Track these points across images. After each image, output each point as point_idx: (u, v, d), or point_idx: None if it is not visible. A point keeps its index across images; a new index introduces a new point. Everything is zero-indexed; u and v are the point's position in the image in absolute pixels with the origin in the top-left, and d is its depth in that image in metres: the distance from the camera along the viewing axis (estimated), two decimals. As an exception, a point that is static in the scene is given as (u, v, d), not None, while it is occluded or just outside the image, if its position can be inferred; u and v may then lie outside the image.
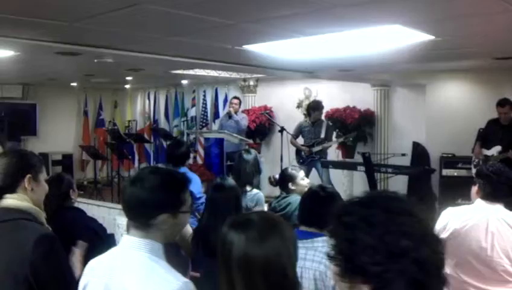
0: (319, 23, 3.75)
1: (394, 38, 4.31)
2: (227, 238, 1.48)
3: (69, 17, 3.62)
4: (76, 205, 3.53)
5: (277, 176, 4.23)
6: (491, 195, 2.84)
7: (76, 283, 1.81)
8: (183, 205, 1.77)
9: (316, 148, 7.35)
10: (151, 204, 1.67)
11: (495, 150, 6.25)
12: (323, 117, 7.78)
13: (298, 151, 7.57)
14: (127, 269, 1.63)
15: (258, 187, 4.19)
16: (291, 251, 1.49)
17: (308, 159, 7.40)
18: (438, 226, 2.95)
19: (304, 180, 3.95)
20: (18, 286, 1.90)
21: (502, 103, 6.17)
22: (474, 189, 2.96)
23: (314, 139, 7.42)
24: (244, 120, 8.26)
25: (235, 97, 8.71)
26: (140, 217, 1.69)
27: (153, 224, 1.68)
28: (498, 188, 2.82)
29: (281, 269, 1.44)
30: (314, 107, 7.59)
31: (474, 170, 6.15)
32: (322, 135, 7.42)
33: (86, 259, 2.77)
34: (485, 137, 6.44)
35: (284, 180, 3.96)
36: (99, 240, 2.94)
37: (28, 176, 2.13)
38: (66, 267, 2.15)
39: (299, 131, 7.65)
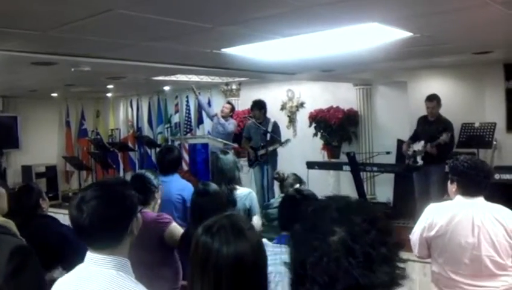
0: (297, 23, 3.72)
1: (373, 36, 4.31)
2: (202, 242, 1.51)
3: (42, 25, 3.55)
4: (62, 218, 3.47)
5: (284, 173, 4.40)
6: (470, 191, 2.76)
7: None
8: None
9: (261, 152, 7.11)
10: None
11: (420, 145, 6.40)
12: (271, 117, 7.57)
13: (248, 154, 7.39)
14: (96, 288, 1.58)
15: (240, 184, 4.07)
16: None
17: (256, 162, 7.23)
18: (422, 223, 2.89)
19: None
20: None
21: (430, 98, 6.37)
22: (451, 186, 2.86)
23: (261, 141, 7.13)
24: (231, 125, 8.01)
25: (228, 102, 8.60)
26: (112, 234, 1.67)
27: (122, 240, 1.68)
28: (476, 183, 2.74)
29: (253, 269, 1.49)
30: (253, 106, 7.35)
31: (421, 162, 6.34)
32: (268, 137, 7.04)
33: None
34: (416, 134, 6.62)
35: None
36: (69, 244, 2.91)
37: None
38: (35, 279, 2.18)
39: (248, 133, 7.48)
